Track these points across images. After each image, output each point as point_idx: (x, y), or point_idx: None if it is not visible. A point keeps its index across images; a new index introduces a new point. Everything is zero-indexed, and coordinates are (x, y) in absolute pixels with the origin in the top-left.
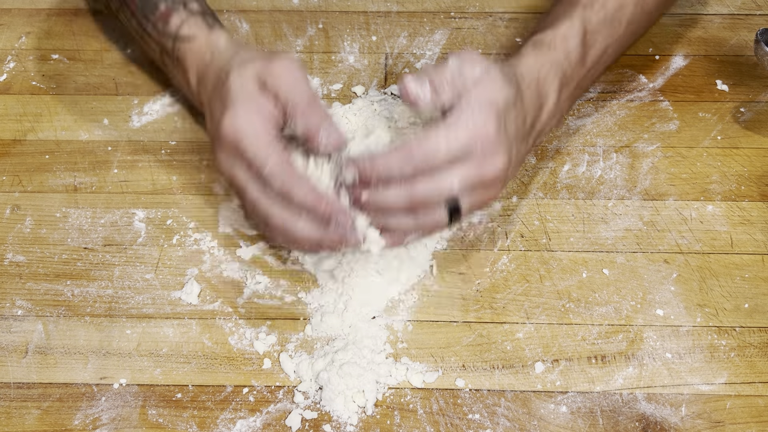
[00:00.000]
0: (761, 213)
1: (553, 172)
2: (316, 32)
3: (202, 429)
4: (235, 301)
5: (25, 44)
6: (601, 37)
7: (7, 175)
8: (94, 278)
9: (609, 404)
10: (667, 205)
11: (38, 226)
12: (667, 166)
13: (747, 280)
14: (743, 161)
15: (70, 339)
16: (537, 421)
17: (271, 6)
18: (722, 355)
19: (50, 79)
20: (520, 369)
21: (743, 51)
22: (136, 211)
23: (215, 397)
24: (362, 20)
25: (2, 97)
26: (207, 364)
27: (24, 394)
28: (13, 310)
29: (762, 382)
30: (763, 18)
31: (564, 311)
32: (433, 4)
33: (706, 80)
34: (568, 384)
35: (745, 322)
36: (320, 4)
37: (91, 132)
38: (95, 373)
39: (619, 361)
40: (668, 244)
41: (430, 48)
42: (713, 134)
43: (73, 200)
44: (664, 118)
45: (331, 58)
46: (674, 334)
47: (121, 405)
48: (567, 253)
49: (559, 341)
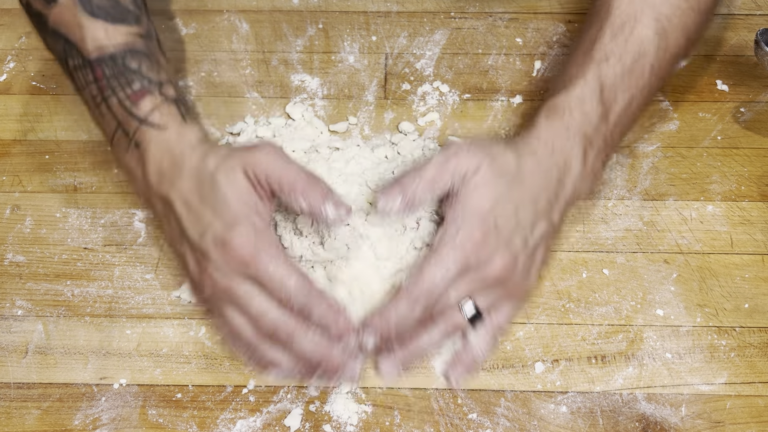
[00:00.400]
0: (761, 213)
1: None
2: (316, 32)
3: (202, 429)
4: None
5: (25, 44)
6: (621, 90)
7: (7, 175)
8: (94, 278)
9: (609, 404)
10: (667, 205)
11: (38, 226)
12: (667, 166)
13: (747, 280)
14: (743, 161)
15: (70, 339)
16: (537, 421)
17: (271, 6)
18: (722, 355)
19: (50, 79)
20: (520, 369)
21: (743, 51)
22: (136, 211)
23: (215, 397)
24: (362, 20)
25: (2, 97)
26: (207, 364)
27: (24, 394)
28: (13, 310)
29: (762, 382)
30: (763, 18)
31: (564, 311)
32: (433, 4)
33: (706, 80)
34: (568, 384)
35: (745, 322)
36: (320, 4)
37: (91, 132)
38: (95, 373)
39: (619, 361)
40: (668, 244)
41: (430, 48)
42: (713, 134)
43: (73, 200)
44: (664, 118)
45: (331, 58)
46: (674, 334)
47: (121, 405)
48: (567, 253)
49: (559, 341)
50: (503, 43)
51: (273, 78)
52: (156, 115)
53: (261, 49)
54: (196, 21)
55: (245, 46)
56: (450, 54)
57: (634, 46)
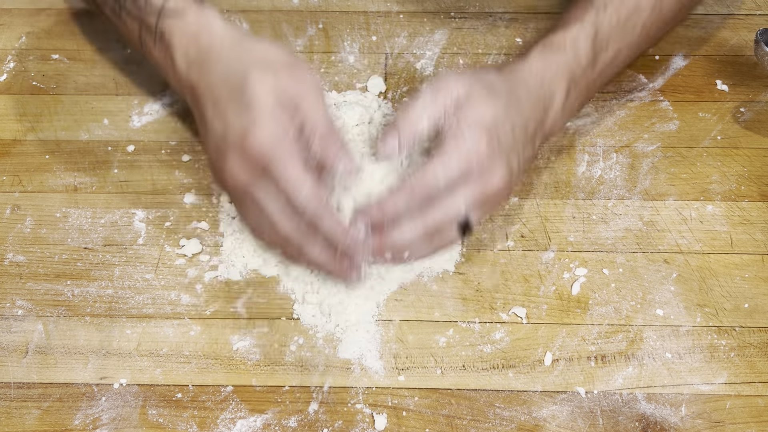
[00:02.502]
0: (761, 213)
1: (553, 172)
2: (316, 32)
3: (202, 429)
4: (235, 301)
5: (25, 44)
6: (613, 40)
7: (7, 175)
8: (94, 278)
9: (609, 404)
10: (667, 205)
11: (38, 226)
12: (667, 166)
13: (747, 280)
14: (743, 161)
15: (70, 339)
16: (537, 421)
17: (271, 6)
18: (722, 355)
19: (50, 79)
20: (520, 369)
21: (743, 51)
22: (136, 211)
23: (215, 397)
24: (362, 20)
25: (2, 97)
26: (207, 364)
27: (24, 394)
28: (13, 310)
29: (762, 382)
30: (763, 18)
31: (564, 311)
32: (433, 4)
33: (706, 80)
34: (568, 384)
35: (745, 322)
36: (320, 4)
37: (91, 132)
38: (95, 373)
39: (619, 361)
40: (668, 244)
41: (430, 48)
42: (713, 134)
43: (73, 200)
44: (664, 118)
45: (331, 58)
46: (674, 334)
47: (121, 405)
48: (567, 253)
49: (559, 341)
50: (503, 43)
51: None
52: (172, 2)
53: (263, 40)
54: None
55: None
56: (450, 54)
57: (632, 1)
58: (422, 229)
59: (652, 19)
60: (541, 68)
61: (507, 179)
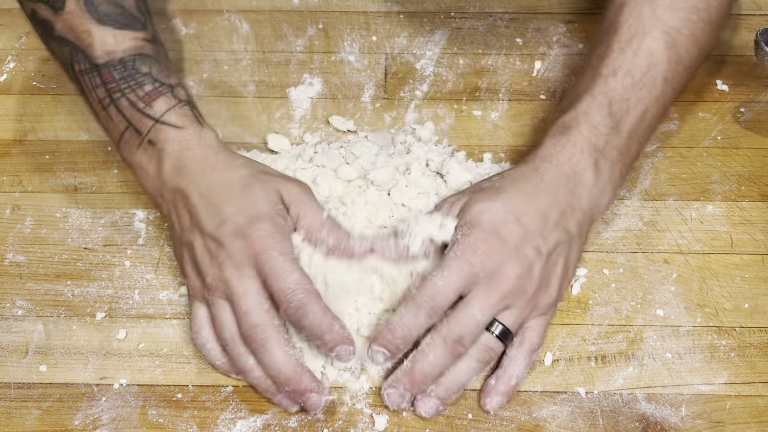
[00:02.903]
0: (761, 213)
1: None
2: (316, 32)
3: (202, 429)
4: None
5: (25, 44)
6: (633, 102)
7: (7, 175)
8: (94, 278)
9: (609, 404)
10: (667, 205)
11: (38, 226)
12: (667, 166)
13: (747, 280)
14: (743, 161)
15: (70, 339)
16: (537, 421)
17: (271, 6)
18: (722, 355)
19: (50, 79)
20: None
21: (743, 51)
22: (136, 211)
23: (215, 397)
24: (362, 20)
25: (2, 97)
26: (207, 364)
27: (24, 394)
28: (13, 310)
29: (762, 382)
30: (763, 18)
31: (564, 311)
32: (433, 4)
33: (706, 80)
34: (568, 384)
35: (745, 322)
36: (320, 4)
37: (91, 132)
38: (95, 373)
39: (619, 361)
40: (668, 244)
41: (430, 48)
42: (713, 134)
43: (73, 200)
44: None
45: (331, 58)
46: (674, 334)
47: (121, 405)
48: None
49: (559, 341)
50: (503, 43)
51: (273, 78)
52: (172, 116)
53: (261, 49)
54: (196, 21)
55: (245, 46)
56: (450, 54)
57: (643, 59)
58: (442, 346)
59: (672, 71)
60: (557, 151)
61: (520, 272)
